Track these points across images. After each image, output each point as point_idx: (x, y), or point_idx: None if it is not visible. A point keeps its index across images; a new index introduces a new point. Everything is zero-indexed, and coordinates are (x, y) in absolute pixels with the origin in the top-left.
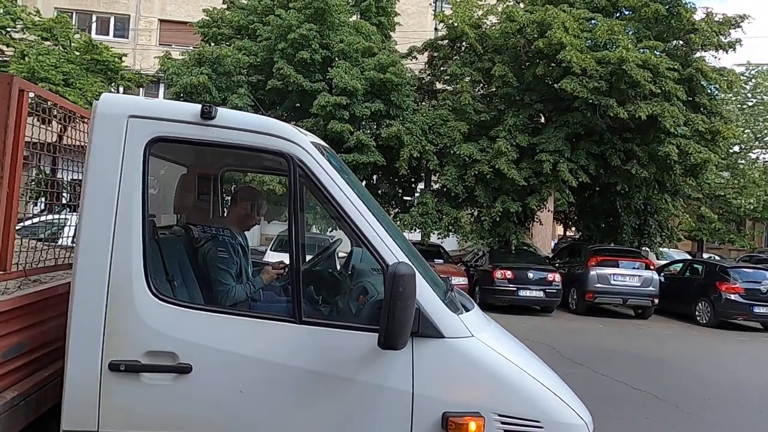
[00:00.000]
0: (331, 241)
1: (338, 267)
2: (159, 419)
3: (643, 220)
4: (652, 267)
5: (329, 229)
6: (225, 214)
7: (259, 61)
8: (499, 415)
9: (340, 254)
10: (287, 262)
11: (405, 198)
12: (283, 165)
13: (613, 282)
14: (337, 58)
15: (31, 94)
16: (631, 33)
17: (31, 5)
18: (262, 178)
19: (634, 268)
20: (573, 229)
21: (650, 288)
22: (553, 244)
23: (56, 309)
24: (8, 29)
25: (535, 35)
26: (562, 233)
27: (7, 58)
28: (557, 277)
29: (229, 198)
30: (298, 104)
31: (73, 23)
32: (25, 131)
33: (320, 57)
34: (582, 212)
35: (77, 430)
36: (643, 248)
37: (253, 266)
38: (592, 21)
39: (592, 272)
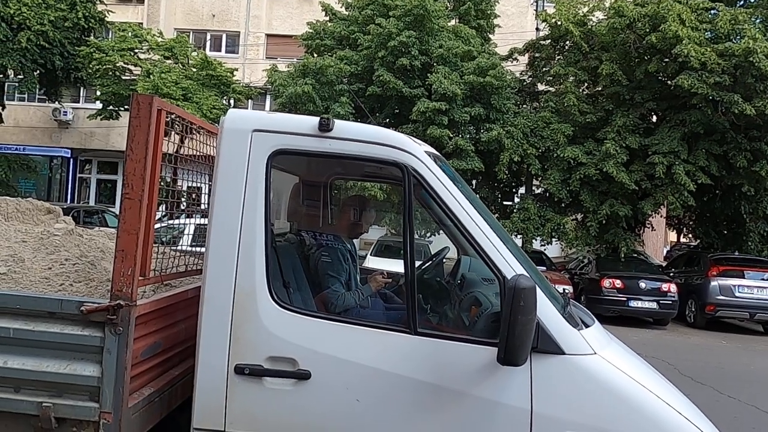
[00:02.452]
0: (430, 248)
1: (445, 275)
2: (280, 424)
3: None
4: None
5: (428, 234)
6: (334, 222)
7: (359, 70)
8: None
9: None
10: (388, 267)
11: (505, 203)
12: (397, 174)
13: (737, 294)
14: (436, 64)
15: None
16: (758, 21)
17: (154, 27)
18: (364, 183)
19: (763, 279)
20: (689, 236)
21: None
22: (665, 252)
23: (186, 312)
24: (136, 50)
25: (647, 30)
26: (675, 240)
27: (135, 77)
28: (673, 287)
29: (338, 206)
30: (397, 110)
31: (191, 42)
32: (162, 147)
33: (419, 63)
34: (700, 217)
35: (206, 429)
36: None
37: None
38: (712, 11)
39: (713, 283)
